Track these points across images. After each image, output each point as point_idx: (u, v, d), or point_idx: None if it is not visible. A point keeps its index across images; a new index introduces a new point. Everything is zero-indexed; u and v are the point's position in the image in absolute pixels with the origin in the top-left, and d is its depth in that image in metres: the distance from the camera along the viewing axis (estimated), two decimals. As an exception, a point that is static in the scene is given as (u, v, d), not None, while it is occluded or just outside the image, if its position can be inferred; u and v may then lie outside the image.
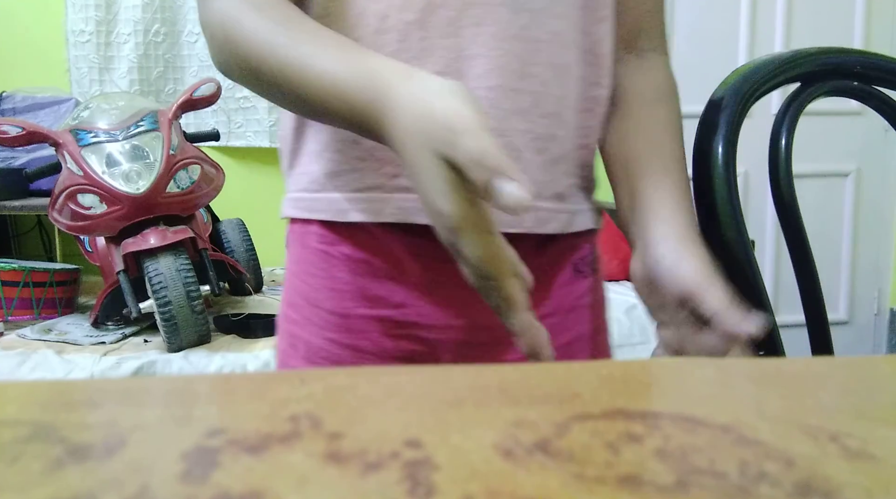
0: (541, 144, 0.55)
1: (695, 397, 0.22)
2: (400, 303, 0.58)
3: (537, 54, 0.54)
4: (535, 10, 0.53)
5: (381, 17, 0.52)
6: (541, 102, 0.54)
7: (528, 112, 0.54)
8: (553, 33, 0.54)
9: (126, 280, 1.66)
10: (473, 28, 0.52)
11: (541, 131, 0.55)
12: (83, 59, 2.65)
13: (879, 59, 0.66)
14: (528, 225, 0.55)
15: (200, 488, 0.15)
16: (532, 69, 0.54)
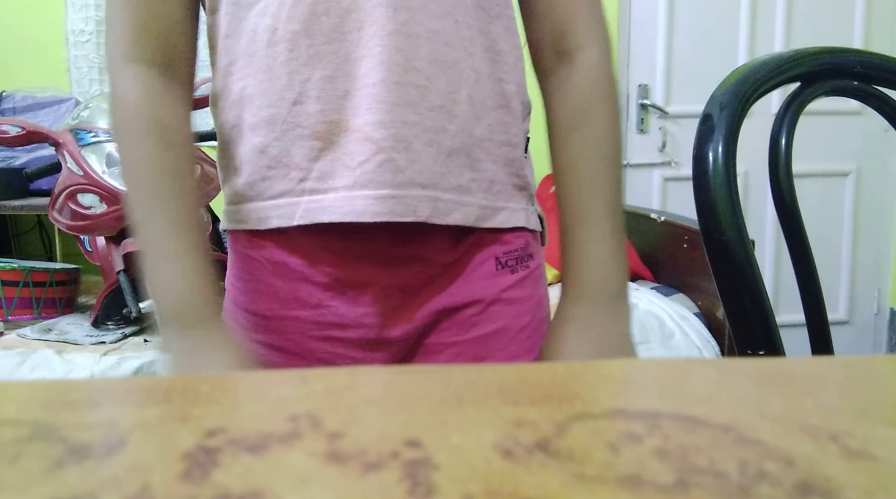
0: (431, 136, 0.56)
1: (695, 397, 0.22)
2: (316, 303, 0.60)
3: (419, 50, 0.55)
4: (413, 9, 0.55)
5: (272, 31, 0.55)
6: (427, 96, 0.56)
7: (415, 104, 0.55)
8: (433, 31, 0.56)
9: (126, 280, 1.66)
10: (356, 32, 0.55)
11: (429, 124, 0.56)
12: (83, 58, 2.65)
13: (879, 59, 0.66)
14: (424, 214, 0.56)
15: (200, 488, 0.15)
16: (415, 64, 0.55)
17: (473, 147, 0.59)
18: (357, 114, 0.55)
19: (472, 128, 0.58)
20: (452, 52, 0.57)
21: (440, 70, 0.56)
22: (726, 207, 0.58)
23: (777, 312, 0.61)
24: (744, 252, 0.57)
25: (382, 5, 0.54)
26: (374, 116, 0.55)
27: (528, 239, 0.64)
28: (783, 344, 0.60)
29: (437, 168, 0.57)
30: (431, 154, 0.56)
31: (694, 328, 1.83)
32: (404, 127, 0.55)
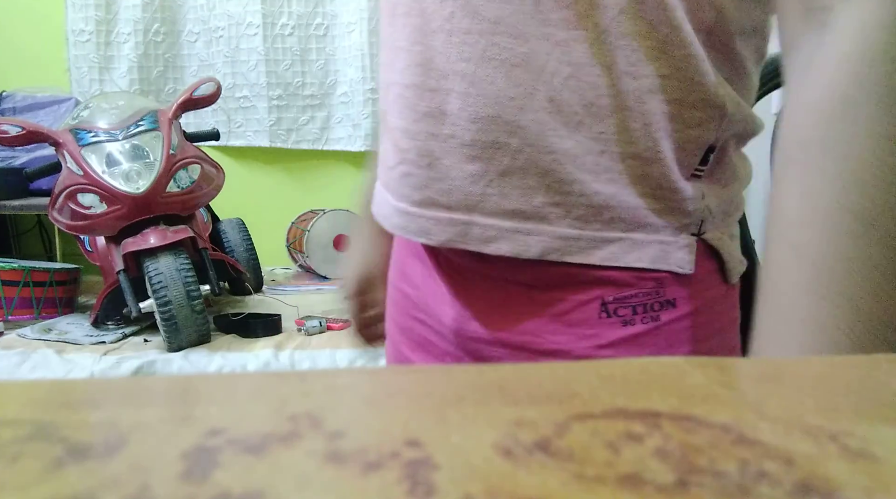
0: (473, 152, 0.46)
1: (695, 396, 0.22)
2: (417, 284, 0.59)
3: (452, 47, 0.45)
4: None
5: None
6: (471, 106, 0.46)
7: (452, 115, 0.46)
8: (492, 19, 0.44)
9: (126, 280, 1.66)
10: (402, 18, 0.48)
11: (473, 137, 0.46)
12: (83, 58, 2.65)
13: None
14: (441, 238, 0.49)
15: (200, 488, 0.15)
16: (458, 66, 0.45)
17: (556, 164, 0.46)
18: (392, 113, 0.50)
19: (552, 141, 0.45)
20: (523, 45, 0.44)
21: (494, 71, 0.45)
22: (726, 206, 0.58)
23: (777, 311, 0.61)
24: (744, 252, 0.57)
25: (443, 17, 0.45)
26: (402, 123, 0.49)
27: (665, 281, 0.48)
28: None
29: (478, 189, 0.47)
30: (472, 173, 0.47)
31: (694, 328, 1.83)
32: (432, 140, 0.47)
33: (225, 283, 2.16)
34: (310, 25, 2.72)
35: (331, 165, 2.87)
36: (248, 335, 1.75)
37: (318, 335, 1.76)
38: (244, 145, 2.79)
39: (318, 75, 2.75)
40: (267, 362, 1.58)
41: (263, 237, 2.55)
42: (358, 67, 2.71)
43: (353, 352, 1.63)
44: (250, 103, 2.75)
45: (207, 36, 2.73)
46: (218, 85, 1.81)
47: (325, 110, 2.78)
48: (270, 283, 2.43)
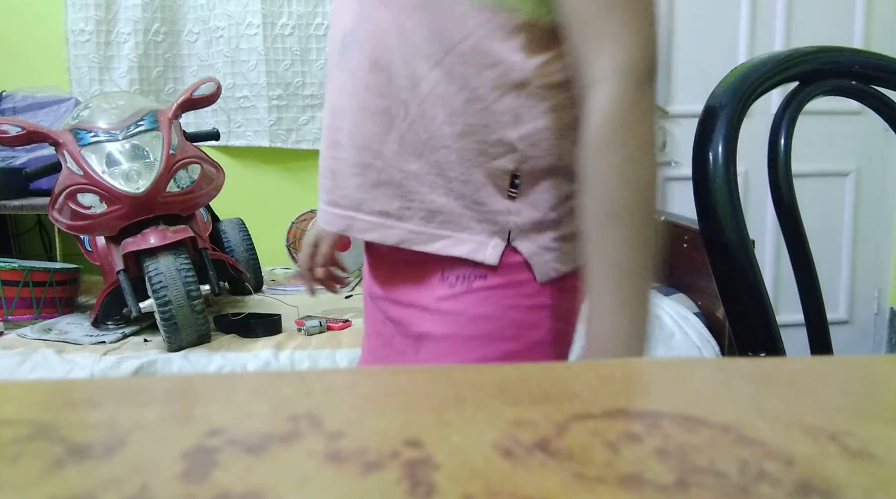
0: (356, 170, 0.69)
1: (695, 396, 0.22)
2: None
3: (351, 100, 0.69)
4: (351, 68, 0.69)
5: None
6: (353, 138, 0.69)
7: (343, 146, 0.70)
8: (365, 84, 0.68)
9: (126, 280, 1.66)
10: (330, 81, 0.74)
11: (355, 160, 0.69)
12: (83, 58, 2.65)
13: (878, 59, 0.66)
14: (338, 227, 0.72)
15: (200, 488, 0.15)
16: (344, 113, 0.70)
17: (406, 180, 0.66)
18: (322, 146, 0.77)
19: (403, 164, 0.66)
20: (383, 101, 0.67)
21: (367, 117, 0.68)
22: (727, 208, 0.58)
23: (777, 312, 0.61)
24: (744, 253, 0.57)
25: (333, 67, 0.72)
26: (322, 150, 0.76)
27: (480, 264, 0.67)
28: (783, 344, 0.60)
29: (359, 195, 0.69)
30: (355, 184, 0.69)
31: (694, 328, 1.83)
32: (334, 162, 0.72)
33: (225, 283, 2.16)
34: (310, 25, 2.72)
35: (331, 165, 2.87)
36: (248, 335, 1.75)
37: (318, 335, 1.76)
38: (244, 145, 2.79)
39: (318, 75, 2.75)
40: (267, 362, 1.58)
41: (263, 237, 2.55)
42: (358, 67, 2.71)
43: (353, 352, 1.63)
44: (250, 103, 2.75)
45: (207, 36, 2.73)
46: (218, 85, 1.81)
47: (325, 110, 2.78)
48: (270, 283, 2.43)
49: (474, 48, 0.63)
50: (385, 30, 0.65)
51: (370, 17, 0.67)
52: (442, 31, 0.63)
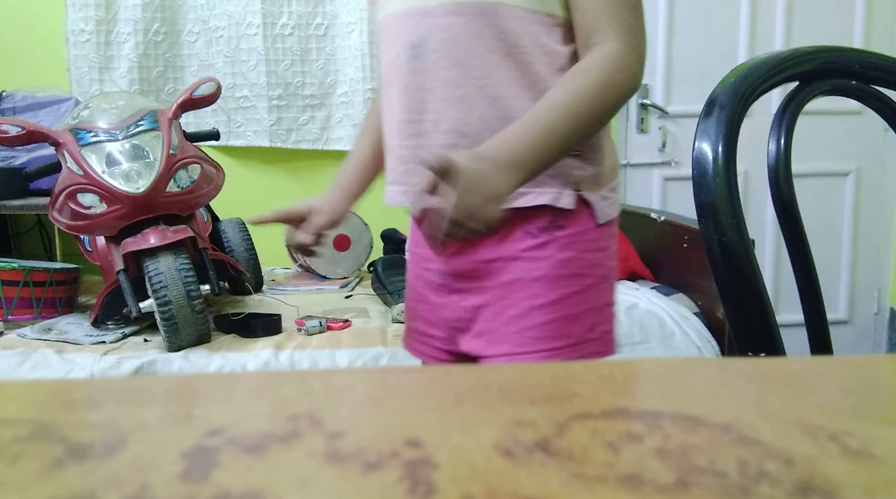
0: (444, 151, 0.78)
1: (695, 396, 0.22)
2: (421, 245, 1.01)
3: (431, 94, 0.84)
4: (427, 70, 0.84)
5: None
6: (438, 125, 0.84)
7: (428, 134, 0.85)
8: (443, 80, 0.83)
9: (126, 280, 1.66)
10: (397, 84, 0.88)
11: (441, 143, 0.84)
12: (83, 58, 2.65)
13: (878, 59, 0.66)
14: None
15: (200, 488, 0.15)
16: (428, 105, 0.85)
17: None
18: (391, 138, 0.91)
19: (485, 138, 0.79)
20: (461, 89, 0.83)
21: (449, 105, 0.84)
22: (726, 207, 0.58)
23: (777, 312, 0.61)
24: (744, 253, 0.57)
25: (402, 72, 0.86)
26: (399, 141, 0.89)
27: (557, 215, 0.85)
28: (783, 344, 0.60)
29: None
30: None
31: (694, 328, 1.83)
32: (419, 149, 0.86)
33: (225, 283, 2.16)
34: (310, 25, 2.72)
35: (331, 164, 2.87)
36: (248, 335, 1.75)
37: (318, 335, 1.76)
38: (244, 145, 2.79)
39: (318, 75, 2.75)
40: (267, 362, 1.58)
41: (263, 237, 2.55)
42: (358, 67, 2.71)
43: (353, 352, 1.63)
44: (250, 103, 2.75)
45: (207, 36, 2.73)
46: (218, 85, 1.81)
47: (325, 110, 2.78)
48: (270, 283, 2.43)
49: (532, 42, 0.82)
50: (457, 33, 0.82)
51: (441, 25, 0.83)
52: (505, 31, 0.81)
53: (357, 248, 2.47)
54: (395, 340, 1.69)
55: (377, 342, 1.68)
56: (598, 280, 0.88)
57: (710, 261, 0.58)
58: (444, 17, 0.83)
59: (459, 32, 0.82)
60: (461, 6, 0.82)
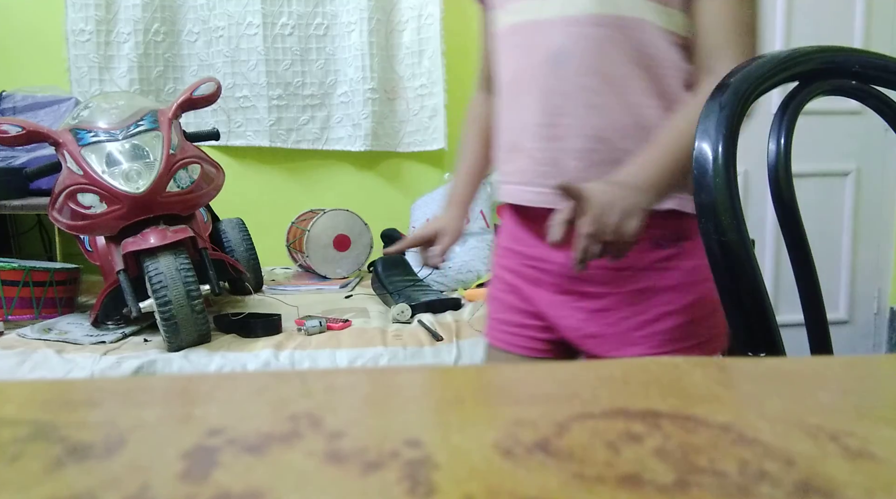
0: (579, 155, 0.89)
1: (695, 396, 0.22)
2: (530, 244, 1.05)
3: (570, 100, 0.89)
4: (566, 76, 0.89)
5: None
6: (578, 131, 0.89)
7: (564, 138, 0.90)
8: (581, 86, 0.88)
9: (126, 279, 1.66)
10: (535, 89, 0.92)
11: (580, 146, 0.89)
12: (83, 58, 2.65)
13: (878, 59, 0.66)
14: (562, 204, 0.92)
15: (200, 488, 0.15)
16: (565, 110, 0.89)
17: (623, 156, 0.86)
18: (524, 141, 0.94)
19: (622, 145, 0.87)
20: (601, 97, 0.88)
21: (589, 111, 0.88)
22: (726, 207, 0.58)
23: (777, 312, 0.61)
24: (744, 253, 0.57)
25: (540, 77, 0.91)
26: (534, 144, 0.93)
27: (681, 223, 0.90)
28: (783, 344, 0.60)
29: (582, 174, 0.87)
30: (577, 166, 0.89)
31: (694, 328, 1.83)
32: (555, 152, 0.91)
33: (225, 283, 2.16)
34: (310, 25, 2.72)
35: (331, 164, 2.87)
36: (248, 335, 1.75)
37: (318, 335, 1.76)
38: (244, 145, 2.79)
39: (318, 75, 2.75)
40: (267, 362, 1.58)
41: (263, 237, 2.55)
42: (358, 67, 2.71)
43: (353, 352, 1.63)
44: (250, 103, 2.75)
45: (207, 36, 2.73)
46: (218, 85, 1.81)
47: (325, 110, 2.78)
48: (270, 283, 2.43)
49: (665, 57, 0.88)
50: (600, 43, 0.87)
51: (585, 35, 0.88)
52: (643, 45, 0.87)
53: (357, 248, 2.47)
54: (395, 340, 1.70)
55: (377, 342, 1.68)
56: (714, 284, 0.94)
57: (710, 261, 0.58)
58: (589, 27, 0.88)
59: (602, 43, 0.87)
60: (606, 18, 0.87)
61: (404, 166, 2.90)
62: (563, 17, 0.89)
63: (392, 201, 2.87)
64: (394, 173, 2.91)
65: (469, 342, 1.68)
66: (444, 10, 2.71)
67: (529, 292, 1.01)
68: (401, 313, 1.86)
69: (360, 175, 2.89)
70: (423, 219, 2.52)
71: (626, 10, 0.87)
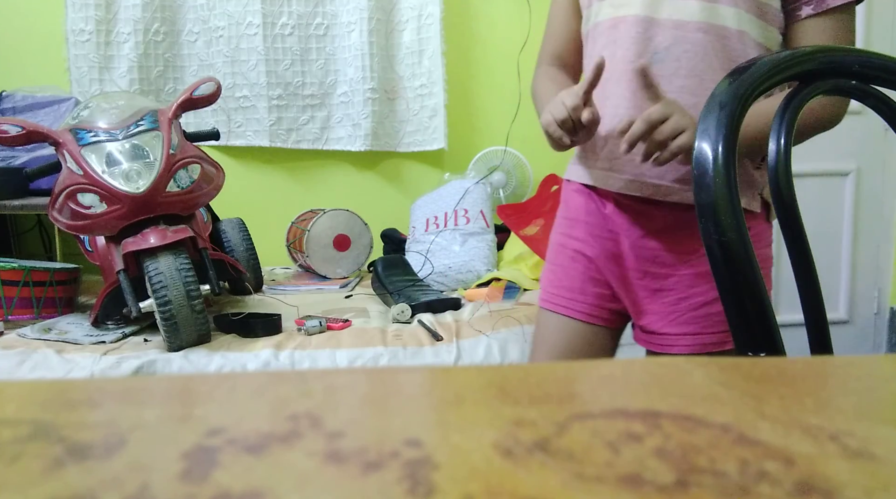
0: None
1: (695, 396, 0.22)
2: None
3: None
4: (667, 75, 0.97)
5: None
6: None
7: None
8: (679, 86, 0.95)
9: (126, 279, 1.66)
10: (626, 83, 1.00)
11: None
12: (83, 58, 2.65)
13: (878, 59, 0.66)
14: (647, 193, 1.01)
15: (200, 488, 0.15)
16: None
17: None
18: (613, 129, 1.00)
19: None
20: (695, 98, 0.94)
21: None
22: (726, 207, 0.58)
23: (777, 312, 0.61)
24: (744, 253, 0.57)
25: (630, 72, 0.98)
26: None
27: (747, 217, 0.93)
28: (783, 344, 0.60)
29: (661, 169, 0.98)
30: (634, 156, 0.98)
31: (694, 328, 1.83)
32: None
33: (225, 283, 2.16)
34: (310, 25, 2.72)
35: (331, 164, 2.87)
36: (248, 335, 1.75)
37: (318, 335, 1.76)
38: (244, 145, 2.79)
39: (318, 75, 2.75)
40: (267, 362, 1.58)
41: (263, 237, 2.55)
42: (358, 67, 2.71)
43: (353, 352, 1.63)
44: (250, 103, 2.75)
45: (207, 36, 2.73)
46: (218, 85, 1.81)
47: (325, 110, 2.78)
48: (270, 283, 2.43)
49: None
50: (701, 48, 0.94)
51: (689, 39, 0.95)
52: (738, 55, 0.95)
53: (357, 248, 2.47)
54: (395, 341, 1.70)
55: (377, 342, 1.68)
56: (767, 271, 1.01)
57: (710, 261, 0.58)
58: (694, 32, 0.95)
59: (703, 48, 0.94)
60: (711, 27, 0.94)
61: (404, 166, 2.90)
62: (671, 20, 0.95)
63: (392, 201, 2.87)
64: (394, 173, 2.91)
65: (469, 342, 1.68)
66: (444, 10, 2.71)
67: (600, 263, 1.09)
68: (401, 313, 1.86)
69: (360, 175, 2.89)
70: (423, 219, 2.52)
71: (732, 23, 0.94)
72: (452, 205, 2.47)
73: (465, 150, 2.84)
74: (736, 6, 0.94)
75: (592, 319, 1.12)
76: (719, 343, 1.01)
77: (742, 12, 0.94)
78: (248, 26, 2.69)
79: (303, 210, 2.60)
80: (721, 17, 0.94)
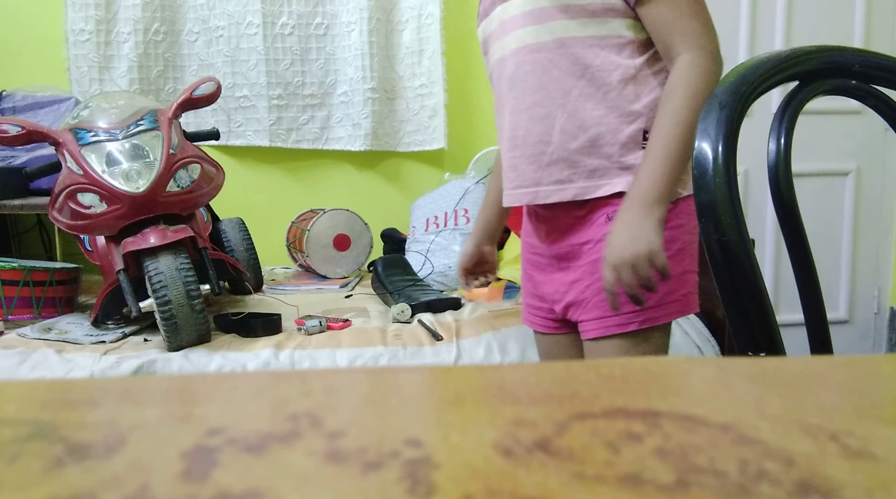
0: (532, 159, 1.08)
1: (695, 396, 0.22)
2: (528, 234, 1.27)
3: (523, 115, 1.07)
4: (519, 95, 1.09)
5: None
6: (527, 139, 1.08)
7: (521, 146, 1.09)
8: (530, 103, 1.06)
9: (126, 279, 1.66)
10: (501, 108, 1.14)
11: (529, 153, 1.08)
12: (83, 57, 2.65)
13: (878, 59, 0.66)
14: (525, 201, 1.11)
15: (200, 488, 0.15)
16: (521, 124, 1.08)
17: (571, 155, 1.04)
18: (505, 152, 1.13)
19: (567, 146, 1.04)
20: (545, 109, 1.05)
21: (535, 122, 1.06)
22: (726, 207, 0.58)
23: (777, 312, 0.61)
24: (744, 252, 0.57)
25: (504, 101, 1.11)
26: (509, 154, 1.11)
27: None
28: (783, 344, 0.60)
29: (536, 175, 1.07)
30: (532, 169, 1.07)
31: (694, 328, 1.83)
32: (514, 159, 1.10)
33: (225, 282, 2.16)
34: (310, 25, 2.72)
35: (331, 164, 2.87)
36: (248, 335, 1.75)
37: (318, 335, 1.76)
38: (244, 145, 2.79)
39: (318, 75, 2.75)
40: (267, 362, 1.58)
41: (263, 237, 2.55)
42: (358, 67, 2.71)
43: (353, 351, 1.63)
44: (250, 103, 2.75)
45: (207, 36, 2.73)
46: (218, 84, 1.81)
47: (325, 110, 2.78)
48: (270, 282, 2.43)
49: (604, 61, 1.01)
50: (540, 65, 1.04)
51: (527, 61, 1.05)
52: (580, 57, 1.02)
53: (357, 248, 2.47)
54: (395, 340, 1.70)
55: (377, 342, 1.68)
56: (673, 253, 1.04)
57: (710, 261, 0.58)
58: (529, 54, 1.05)
59: (542, 64, 1.04)
60: (542, 45, 1.03)
61: (404, 166, 2.90)
62: (511, 50, 1.07)
63: (392, 201, 2.87)
64: (394, 173, 2.91)
65: (469, 342, 1.68)
66: (444, 9, 2.71)
67: (537, 277, 1.18)
68: (401, 313, 1.86)
69: (360, 175, 2.89)
70: (423, 218, 2.52)
71: (561, 33, 1.02)
72: (452, 205, 2.47)
73: (465, 150, 2.84)
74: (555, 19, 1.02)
75: (551, 330, 1.20)
76: (624, 324, 1.04)
77: (567, 21, 1.01)
78: (248, 26, 2.69)
79: (303, 210, 2.60)
80: (549, 32, 1.02)
